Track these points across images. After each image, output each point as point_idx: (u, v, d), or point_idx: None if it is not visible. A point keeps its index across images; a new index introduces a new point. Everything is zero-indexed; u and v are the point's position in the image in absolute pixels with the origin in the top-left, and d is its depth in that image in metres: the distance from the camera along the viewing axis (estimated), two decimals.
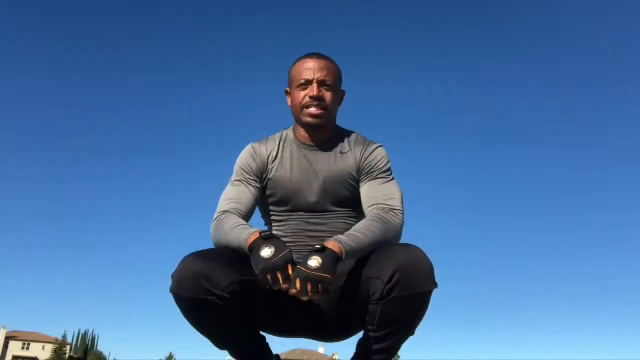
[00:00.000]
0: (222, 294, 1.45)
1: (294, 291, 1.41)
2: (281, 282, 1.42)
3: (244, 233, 1.55)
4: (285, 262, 1.43)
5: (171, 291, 1.49)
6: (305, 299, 1.42)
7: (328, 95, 1.74)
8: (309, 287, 1.40)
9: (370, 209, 1.69)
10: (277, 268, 1.42)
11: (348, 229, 1.61)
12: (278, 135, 1.85)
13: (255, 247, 1.48)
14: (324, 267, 1.41)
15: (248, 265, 1.48)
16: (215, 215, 1.71)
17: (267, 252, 1.44)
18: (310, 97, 1.73)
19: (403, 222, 1.68)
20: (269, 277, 1.42)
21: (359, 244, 1.52)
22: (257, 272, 1.44)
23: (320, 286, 1.40)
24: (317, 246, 1.48)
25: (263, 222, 1.90)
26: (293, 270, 1.43)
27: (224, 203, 1.74)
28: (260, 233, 1.52)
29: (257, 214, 1.86)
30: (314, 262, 1.42)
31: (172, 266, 1.50)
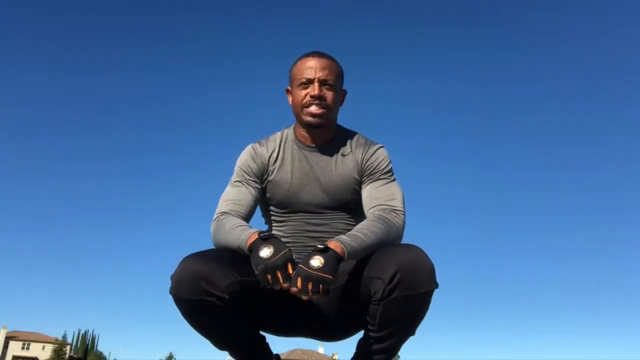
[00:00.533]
0: (222, 294, 1.45)
1: (294, 289, 1.41)
2: (281, 281, 1.41)
3: (243, 234, 1.54)
4: (285, 261, 1.42)
5: (170, 292, 1.48)
6: (305, 298, 1.41)
7: (329, 95, 1.73)
8: (310, 287, 1.39)
9: (371, 210, 1.69)
10: (277, 267, 1.41)
11: (348, 230, 1.61)
12: (279, 135, 1.84)
13: (255, 247, 1.47)
14: (325, 267, 1.41)
15: (248, 265, 1.48)
16: (215, 216, 1.70)
17: (266, 252, 1.44)
18: (311, 96, 1.71)
19: (405, 222, 1.67)
20: (269, 277, 1.41)
21: (361, 245, 1.51)
22: (257, 272, 1.43)
23: (320, 286, 1.40)
24: (319, 246, 1.47)
25: (263, 221, 1.89)
26: (293, 269, 1.43)
27: (223, 204, 1.73)
28: (259, 233, 1.51)
29: (258, 212, 1.85)
30: (316, 261, 1.42)
31: (172, 266, 1.50)
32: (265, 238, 1.48)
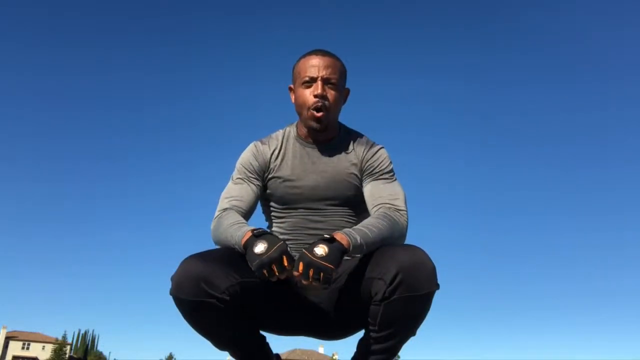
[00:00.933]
0: (222, 296, 1.44)
1: (296, 273, 1.42)
2: (277, 272, 1.42)
3: (238, 232, 1.54)
4: (280, 253, 1.42)
5: (171, 294, 1.47)
6: (305, 283, 1.42)
7: (332, 94, 1.73)
8: (311, 273, 1.40)
9: (375, 208, 1.69)
10: (273, 261, 1.41)
11: (348, 228, 1.61)
12: (281, 132, 1.85)
13: (249, 245, 1.47)
14: (329, 257, 1.41)
15: (248, 266, 1.47)
16: (216, 214, 1.70)
17: (260, 247, 1.44)
18: (314, 95, 1.71)
19: (408, 223, 1.68)
20: (265, 271, 1.42)
21: (366, 240, 1.51)
22: (253, 268, 1.43)
23: (321, 274, 1.40)
24: (325, 235, 1.48)
25: (264, 217, 1.89)
26: (288, 262, 1.43)
27: (224, 201, 1.73)
28: (252, 231, 1.51)
29: (259, 209, 1.85)
30: (320, 250, 1.42)
31: (172, 266, 1.49)
32: (258, 235, 1.49)
